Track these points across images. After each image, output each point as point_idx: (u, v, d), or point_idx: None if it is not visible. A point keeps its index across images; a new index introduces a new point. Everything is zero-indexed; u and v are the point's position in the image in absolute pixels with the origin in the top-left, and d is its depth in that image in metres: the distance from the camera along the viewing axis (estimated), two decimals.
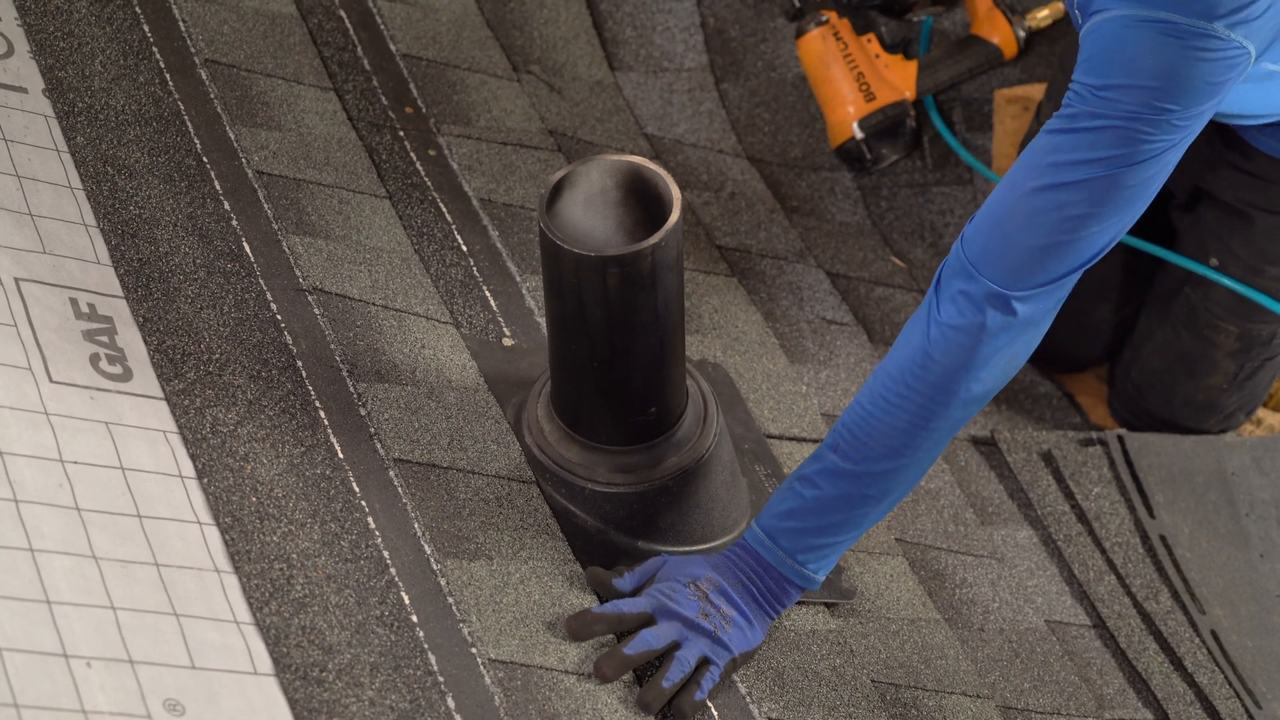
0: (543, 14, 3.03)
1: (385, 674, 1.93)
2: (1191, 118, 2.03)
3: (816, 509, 2.16)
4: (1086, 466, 2.77)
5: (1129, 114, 2.01)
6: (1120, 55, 2.01)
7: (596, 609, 2.12)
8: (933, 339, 2.10)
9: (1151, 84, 2.00)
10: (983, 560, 2.58)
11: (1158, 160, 2.04)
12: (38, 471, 1.94)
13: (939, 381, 2.11)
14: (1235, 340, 2.80)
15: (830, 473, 2.16)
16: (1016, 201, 2.07)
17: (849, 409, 2.17)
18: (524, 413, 2.31)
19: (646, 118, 3.04)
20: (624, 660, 2.08)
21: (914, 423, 2.12)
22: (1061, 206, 2.05)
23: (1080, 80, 2.05)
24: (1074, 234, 2.06)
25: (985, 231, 2.09)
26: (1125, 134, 2.02)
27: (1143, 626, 2.60)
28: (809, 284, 2.90)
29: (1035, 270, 2.07)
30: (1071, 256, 2.07)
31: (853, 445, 2.14)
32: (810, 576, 2.18)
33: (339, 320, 2.31)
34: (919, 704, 2.30)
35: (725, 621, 2.14)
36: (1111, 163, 2.03)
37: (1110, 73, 2.02)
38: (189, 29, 2.58)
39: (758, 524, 2.20)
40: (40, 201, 2.24)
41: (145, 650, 1.83)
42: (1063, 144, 2.05)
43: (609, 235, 2.18)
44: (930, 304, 2.12)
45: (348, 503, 2.09)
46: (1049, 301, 2.10)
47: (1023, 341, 2.12)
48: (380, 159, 2.60)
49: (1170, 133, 2.03)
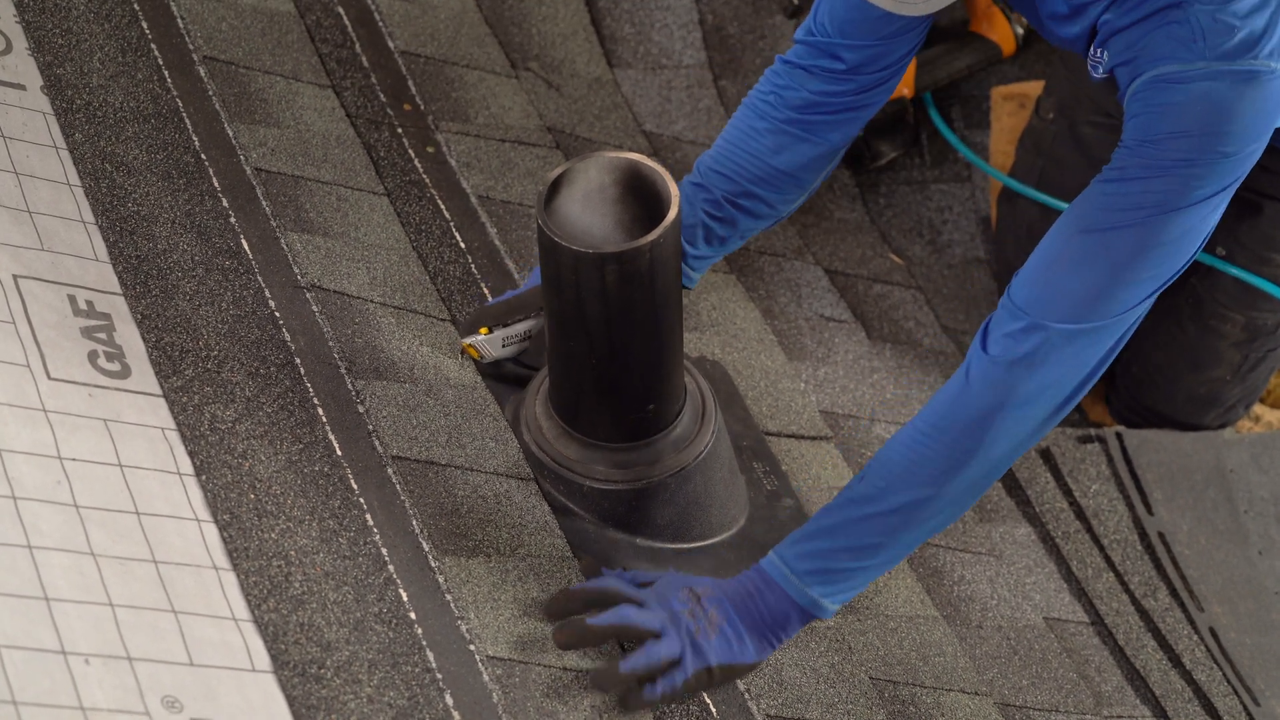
0: (541, 11, 3.03)
1: (383, 671, 1.93)
2: (1245, 157, 2.02)
3: (835, 532, 2.12)
4: (1085, 463, 2.78)
5: (1182, 161, 2.01)
6: (1171, 110, 2.01)
7: (575, 586, 2.10)
8: (972, 375, 2.08)
9: (1204, 131, 2.00)
10: (981, 557, 2.58)
11: (1208, 203, 2.03)
12: (36, 469, 1.94)
13: (976, 417, 2.08)
14: (1241, 330, 2.81)
15: (853, 499, 2.13)
16: (1065, 245, 2.06)
17: (884, 446, 2.15)
18: (522, 410, 2.31)
19: (645, 115, 3.04)
20: (583, 630, 2.04)
21: (945, 456, 2.09)
22: (1110, 250, 2.03)
23: (1131, 137, 2.04)
24: (1122, 278, 2.04)
25: (1033, 277, 2.08)
26: (1178, 180, 2.01)
27: (1141, 624, 2.60)
28: (807, 281, 2.90)
29: (1081, 306, 2.05)
30: (1119, 300, 2.05)
31: (881, 474, 2.11)
32: (818, 602, 2.12)
33: (337, 317, 2.31)
34: (917, 701, 2.30)
35: (710, 628, 2.09)
36: (1162, 207, 2.02)
37: (1161, 127, 2.01)
38: (187, 26, 2.58)
39: (774, 550, 2.15)
40: (38, 198, 2.24)
41: (144, 647, 1.83)
42: (1114, 191, 2.04)
43: (607, 232, 2.18)
44: (977, 344, 2.09)
45: (346, 500, 2.09)
46: (1099, 345, 2.07)
47: (1069, 393, 2.08)
48: (378, 156, 2.60)
49: (1223, 176, 2.02)
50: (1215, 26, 1.99)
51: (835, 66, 2.29)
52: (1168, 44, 2.01)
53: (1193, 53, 1.99)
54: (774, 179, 2.34)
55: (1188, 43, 1.99)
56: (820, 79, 2.30)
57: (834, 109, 2.31)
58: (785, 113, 2.32)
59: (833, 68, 2.29)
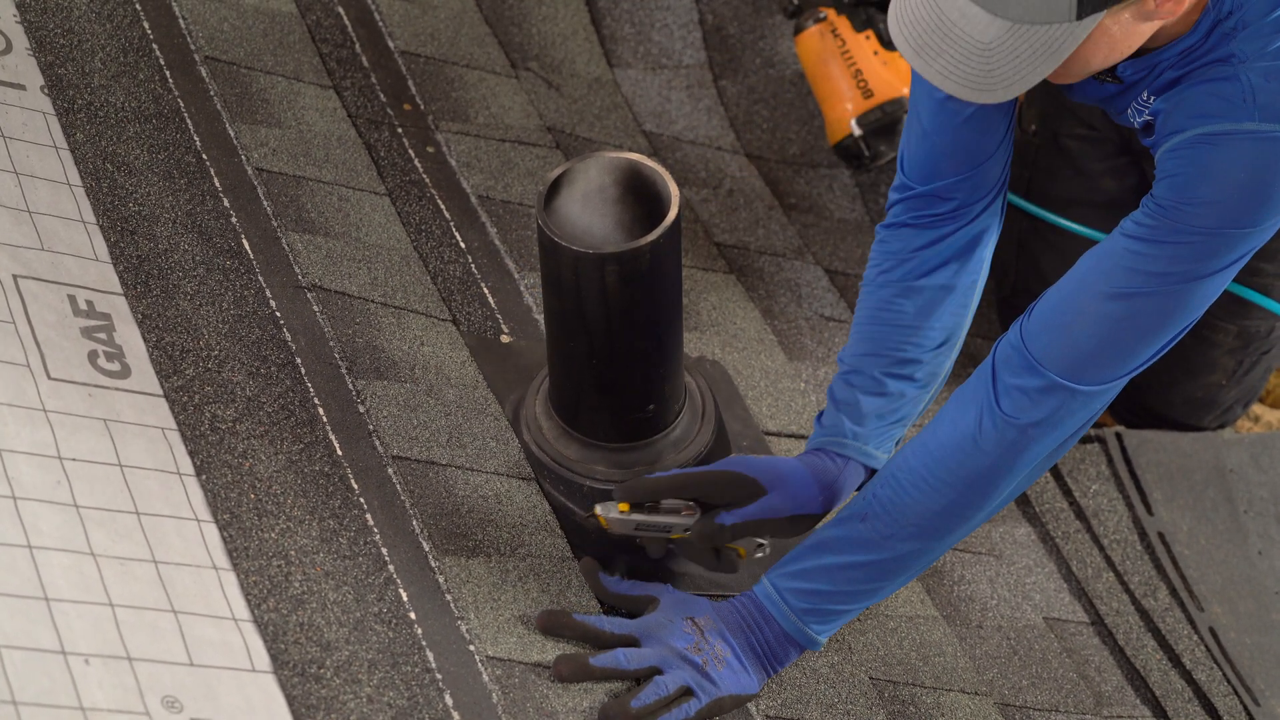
0: (541, 10, 3.03)
1: (383, 671, 1.93)
2: (1275, 224, 1.97)
3: (834, 576, 2.12)
4: (1084, 463, 2.78)
5: (1214, 229, 1.95)
6: (1207, 171, 1.94)
7: (579, 616, 2.10)
8: (985, 431, 2.05)
9: (1240, 196, 1.94)
10: (981, 557, 2.58)
11: (1233, 266, 1.99)
12: (36, 469, 1.94)
13: (985, 474, 2.06)
14: (1234, 338, 2.80)
15: (854, 543, 2.12)
16: (1086, 304, 2.02)
17: (884, 479, 2.12)
18: (522, 410, 2.31)
19: (645, 115, 3.04)
20: (585, 668, 2.05)
21: (950, 509, 2.08)
22: (1134, 315, 2.00)
23: (1164, 196, 1.98)
24: (1146, 341, 2.02)
25: (1050, 330, 2.03)
26: (1208, 247, 1.96)
27: (1141, 624, 2.60)
28: (807, 281, 2.89)
29: (1101, 369, 2.03)
30: (1137, 357, 2.03)
31: (884, 520, 2.10)
32: (813, 638, 2.14)
33: (338, 317, 2.31)
34: (917, 701, 2.30)
35: (718, 660, 2.10)
36: (1189, 275, 1.98)
37: (1196, 189, 1.95)
38: (189, 26, 2.58)
39: (769, 579, 2.16)
40: (39, 198, 2.24)
41: (143, 647, 1.83)
42: (1141, 253, 1.98)
43: (607, 232, 2.18)
44: (987, 390, 2.06)
45: (346, 500, 2.09)
46: (1111, 395, 2.06)
47: (1073, 434, 2.08)
48: (379, 156, 2.60)
49: (1253, 240, 1.97)
50: (1267, 86, 1.92)
51: (940, 210, 2.24)
52: (1214, 101, 1.95)
53: (1242, 113, 1.92)
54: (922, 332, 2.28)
55: (1237, 102, 1.93)
56: (927, 229, 2.25)
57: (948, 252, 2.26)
58: (905, 271, 2.27)
59: (937, 212, 2.24)
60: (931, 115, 2.18)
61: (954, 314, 2.28)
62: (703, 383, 2.34)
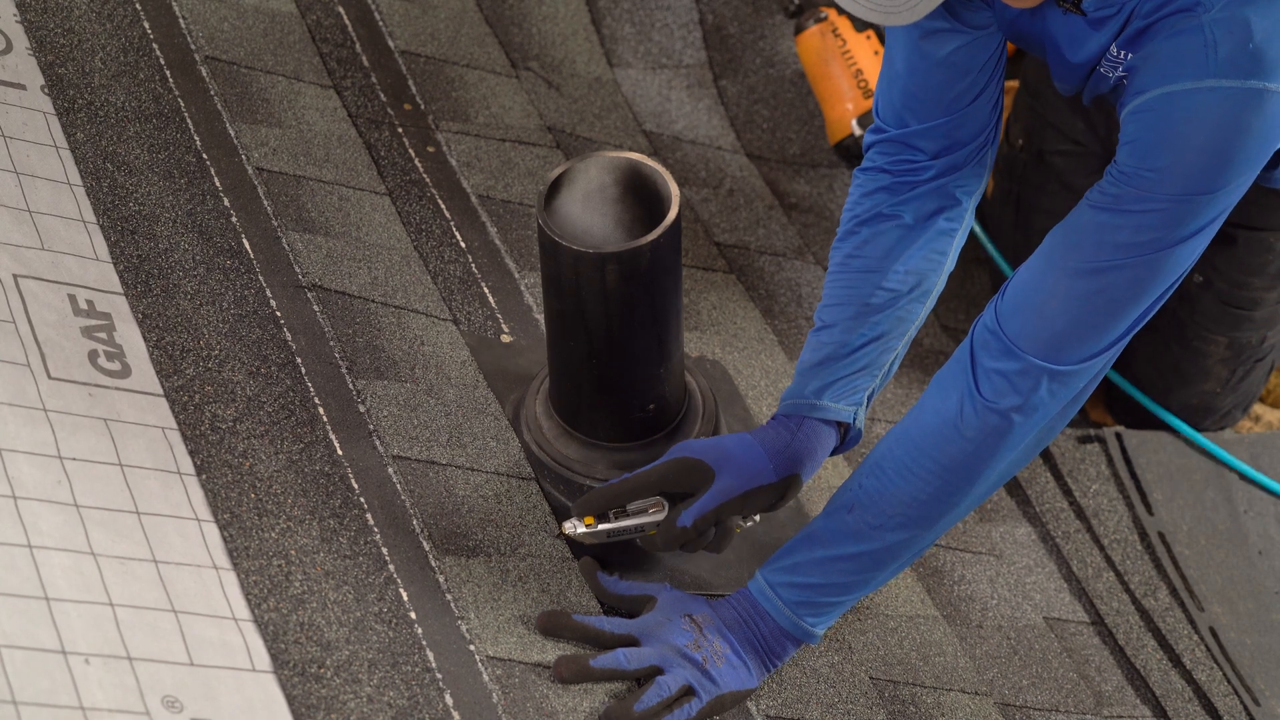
0: (541, 10, 3.03)
1: (383, 671, 1.93)
2: (1240, 186, 1.94)
3: (825, 568, 2.13)
4: (1085, 463, 2.78)
5: (1179, 194, 1.92)
6: (1170, 133, 1.91)
7: (578, 617, 2.10)
8: (966, 417, 2.04)
9: (1204, 158, 1.90)
10: (981, 557, 2.58)
11: (1204, 232, 1.96)
12: (36, 468, 1.94)
13: (969, 460, 2.06)
14: (1225, 349, 2.80)
15: (843, 534, 2.12)
16: (1056, 282, 2.00)
17: (869, 469, 2.12)
18: (522, 409, 2.31)
19: (645, 114, 3.04)
20: (586, 670, 2.05)
21: (937, 497, 2.08)
22: (1105, 289, 1.98)
23: (1125, 161, 1.95)
24: (1118, 314, 2.00)
25: (1023, 311, 2.02)
26: (1174, 214, 1.93)
27: (1141, 623, 2.60)
28: (807, 281, 2.89)
29: (1079, 346, 2.01)
30: (1114, 330, 2.01)
31: (871, 511, 2.10)
32: (810, 631, 2.14)
33: (338, 317, 2.31)
34: (917, 701, 2.30)
35: (717, 657, 2.10)
36: (1158, 243, 1.95)
37: (1159, 153, 1.92)
38: (189, 26, 2.58)
39: (762, 575, 2.16)
40: (39, 198, 2.24)
41: (144, 647, 1.83)
42: (1107, 225, 1.96)
43: (607, 232, 2.18)
44: (966, 375, 2.05)
45: (346, 499, 2.09)
46: (1093, 372, 2.04)
47: (1060, 415, 2.07)
48: (379, 156, 2.60)
49: (1220, 204, 1.94)
50: (1229, 38, 1.88)
51: (914, 158, 2.23)
52: (1176, 60, 1.91)
53: (1204, 69, 1.89)
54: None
55: (1200, 58, 1.89)
56: (903, 176, 2.24)
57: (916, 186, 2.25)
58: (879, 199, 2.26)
59: (912, 160, 2.23)
60: (905, 58, 2.17)
61: (926, 258, 2.25)
62: (703, 383, 2.34)
